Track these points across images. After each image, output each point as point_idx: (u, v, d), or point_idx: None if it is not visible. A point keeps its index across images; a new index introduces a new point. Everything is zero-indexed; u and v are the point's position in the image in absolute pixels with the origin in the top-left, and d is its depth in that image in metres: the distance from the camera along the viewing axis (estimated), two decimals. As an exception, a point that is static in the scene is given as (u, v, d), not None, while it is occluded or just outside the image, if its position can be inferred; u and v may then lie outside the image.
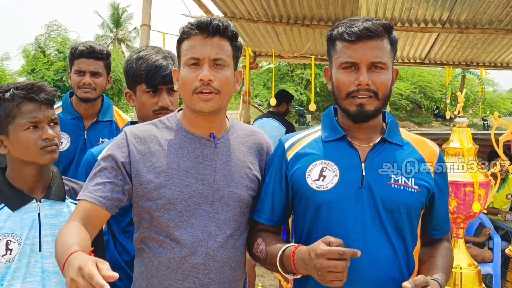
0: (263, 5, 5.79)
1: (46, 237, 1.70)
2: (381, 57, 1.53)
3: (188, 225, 1.60)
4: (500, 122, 2.67)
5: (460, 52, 7.73)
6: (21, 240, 1.66)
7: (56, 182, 1.80)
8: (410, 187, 1.55)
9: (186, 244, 1.59)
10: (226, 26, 1.59)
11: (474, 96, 20.75)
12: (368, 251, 1.49)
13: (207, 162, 1.64)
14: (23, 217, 1.69)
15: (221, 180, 1.64)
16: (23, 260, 1.66)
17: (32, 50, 23.93)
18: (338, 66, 1.57)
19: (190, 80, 1.56)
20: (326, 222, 1.55)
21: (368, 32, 1.51)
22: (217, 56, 1.57)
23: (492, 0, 5.20)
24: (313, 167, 1.59)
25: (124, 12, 39.77)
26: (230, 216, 1.66)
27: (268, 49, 7.85)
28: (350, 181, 1.55)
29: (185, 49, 1.60)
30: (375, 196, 1.53)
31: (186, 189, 1.60)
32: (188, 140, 1.65)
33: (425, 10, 5.75)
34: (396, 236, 1.53)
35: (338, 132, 1.63)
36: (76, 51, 2.72)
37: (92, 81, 2.70)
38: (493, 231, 4.57)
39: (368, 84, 1.51)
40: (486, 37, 6.71)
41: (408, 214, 1.54)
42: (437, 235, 1.70)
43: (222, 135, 1.70)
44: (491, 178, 2.46)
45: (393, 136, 1.63)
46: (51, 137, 1.68)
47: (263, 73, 22.49)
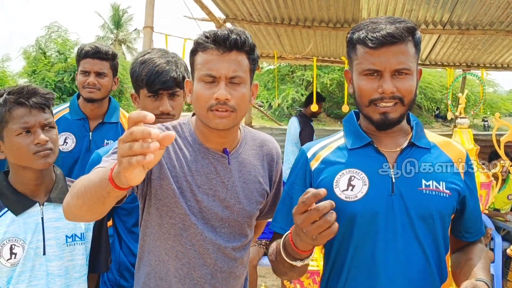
0: (264, 7, 5.81)
1: (50, 241, 1.70)
2: (405, 62, 1.44)
3: (201, 238, 1.59)
4: (501, 123, 2.69)
5: (460, 53, 7.76)
6: (25, 244, 1.66)
7: (59, 185, 1.79)
8: (442, 192, 1.48)
9: (195, 255, 1.60)
10: (244, 40, 1.51)
11: (474, 97, 20.73)
12: (400, 260, 1.44)
13: (219, 179, 1.61)
14: (27, 221, 1.69)
15: (232, 197, 1.62)
16: (28, 263, 1.67)
17: (32, 51, 23.93)
18: (360, 72, 1.48)
19: (205, 97, 1.49)
20: (359, 234, 1.47)
21: (392, 38, 1.41)
22: (234, 74, 1.49)
23: (493, 2, 5.22)
24: (341, 177, 1.51)
25: (124, 14, 39.79)
26: (237, 230, 1.66)
27: (270, 50, 7.88)
28: (380, 189, 1.47)
29: (200, 63, 1.52)
30: (407, 203, 1.46)
31: (197, 204, 1.58)
32: (202, 154, 1.61)
33: (426, 12, 5.77)
34: (429, 244, 1.47)
35: (363, 139, 1.55)
36: (82, 52, 2.72)
37: (97, 81, 2.70)
38: (494, 232, 4.59)
39: (393, 92, 1.44)
40: (486, 38, 6.74)
41: (441, 220, 1.48)
42: (471, 238, 1.62)
43: (235, 149, 1.66)
44: (492, 179, 2.48)
45: (420, 139, 1.56)
46: (43, 141, 1.66)
47: (263, 74, 22.50)
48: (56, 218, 1.74)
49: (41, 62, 22.44)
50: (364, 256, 1.47)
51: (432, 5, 5.48)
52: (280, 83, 22.92)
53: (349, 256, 1.50)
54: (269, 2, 5.60)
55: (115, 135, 2.80)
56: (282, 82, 23.36)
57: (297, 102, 22.84)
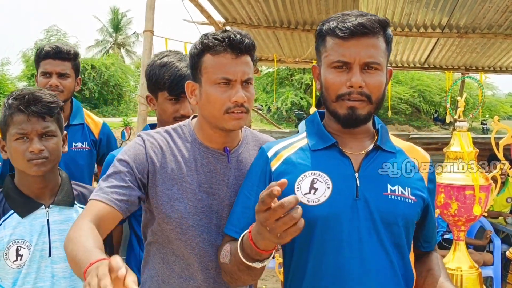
0: (264, 11, 5.83)
1: (56, 243, 1.72)
2: (375, 56, 1.38)
3: (200, 240, 1.58)
4: (500, 126, 2.71)
5: (459, 56, 7.78)
6: (31, 246, 1.68)
7: (65, 188, 1.81)
8: (407, 198, 1.43)
9: (196, 258, 1.59)
10: (252, 43, 1.55)
11: (473, 100, 20.79)
12: (365, 267, 1.37)
13: (220, 177, 1.61)
14: (33, 223, 1.71)
15: (232, 195, 1.61)
16: (33, 265, 1.68)
17: (32, 55, 23.98)
18: (328, 65, 1.41)
19: (222, 100, 1.49)
20: (321, 239, 1.40)
21: (362, 28, 1.35)
22: (247, 76, 1.52)
23: (491, 5, 5.25)
24: (303, 179, 1.42)
25: (123, 17, 39.84)
26: None
27: (269, 54, 7.91)
28: (345, 193, 1.40)
29: (211, 65, 1.51)
30: (372, 209, 1.39)
31: (198, 203, 1.58)
32: (202, 153, 1.61)
33: (424, 15, 5.80)
34: (394, 251, 1.41)
35: (327, 140, 1.47)
36: (41, 52, 2.59)
37: (59, 83, 2.56)
38: (493, 234, 4.60)
39: (361, 86, 1.37)
40: (485, 41, 6.76)
41: (406, 227, 1.43)
42: (428, 247, 1.60)
43: (235, 148, 1.66)
44: (491, 182, 2.49)
45: (385, 143, 1.50)
46: (36, 150, 1.66)
47: (262, 78, 22.57)
48: (61, 220, 1.75)
49: (40, 65, 22.47)
50: (326, 264, 1.39)
51: (430, 8, 5.50)
52: (279, 86, 22.98)
53: (310, 265, 1.42)
54: (268, 5, 5.62)
55: (83, 137, 2.72)
56: (281, 86, 23.43)
57: (296, 105, 22.89)
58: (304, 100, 22.71)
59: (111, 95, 25.43)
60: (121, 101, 26.68)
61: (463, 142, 2.49)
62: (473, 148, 2.50)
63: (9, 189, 1.75)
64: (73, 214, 1.79)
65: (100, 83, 24.28)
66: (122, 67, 27.40)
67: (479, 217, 2.46)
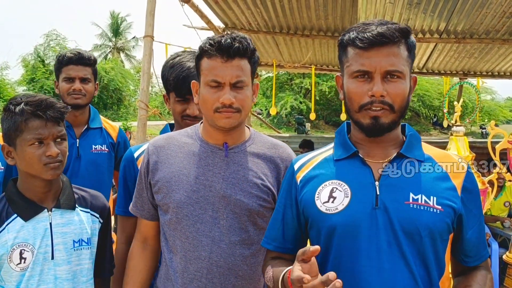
0: (263, 16, 5.87)
1: (58, 245, 1.75)
2: (397, 65, 1.36)
3: (194, 229, 1.65)
4: (496, 131, 2.74)
5: (457, 61, 7.83)
6: (34, 249, 1.71)
7: (66, 192, 1.84)
8: (431, 207, 1.36)
9: (190, 248, 1.66)
10: (245, 47, 1.60)
11: (472, 105, 20.83)
12: (383, 278, 1.33)
13: (216, 170, 1.68)
14: (36, 226, 1.73)
15: (228, 188, 1.66)
16: (37, 268, 1.71)
17: (31, 59, 24.02)
18: (350, 74, 1.41)
19: (212, 100, 1.60)
20: (338, 248, 1.38)
21: (382, 37, 1.34)
22: (237, 79, 1.59)
23: (489, 11, 5.29)
24: (323, 189, 1.43)
25: (123, 21, 39.90)
26: (235, 223, 1.67)
27: (269, 59, 7.96)
28: (363, 202, 1.37)
29: (205, 68, 1.62)
30: (392, 218, 1.34)
31: (193, 194, 1.66)
32: (202, 148, 1.72)
33: (422, 21, 5.84)
34: (417, 263, 1.34)
35: (349, 149, 1.47)
36: (64, 58, 2.71)
37: (82, 87, 2.70)
38: (491, 239, 4.63)
39: (383, 95, 1.35)
40: (483, 47, 6.82)
41: (431, 238, 1.35)
42: (470, 262, 1.47)
43: (237, 145, 1.73)
44: (488, 186, 2.52)
45: (412, 151, 1.45)
46: (54, 154, 1.71)
47: (262, 82, 22.58)
48: (63, 223, 1.79)
49: (40, 70, 22.50)
50: (343, 273, 1.33)
51: (428, 14, 5.54)
52: (279, 91, 23.01)
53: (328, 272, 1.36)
54: (268, 11, 5.66)
55: (102, 139, 2.82)
56: (280, 90, 23.46)
57: (296, 110, 22.92)
58: (303, 105, 22.74)
59: (111, 99, 25.42)
60: (120, 106, 26.68)
61: (460, 147, 2.53)
62: (470, 152, 2.53)
63: (12, 194, 1.77)
64: (74, 217, 1.82)
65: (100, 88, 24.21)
66: (122, 72, 27.41)
67: (476, 220, 2.49)
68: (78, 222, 1.81)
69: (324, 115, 23.07)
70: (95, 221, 1.88)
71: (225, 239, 1.66)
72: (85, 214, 1.85)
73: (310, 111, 6.55)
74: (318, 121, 23.00)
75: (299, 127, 18.02)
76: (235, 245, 1.67)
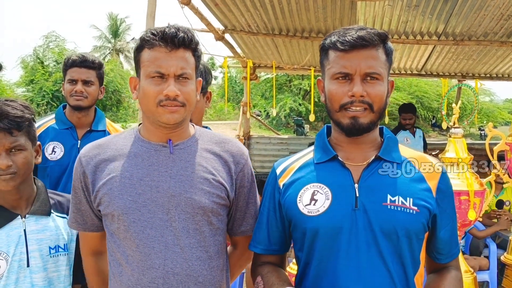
0: (263, 18, 5.89)
1: (34, 252, 1.71)
2: (375, 67, 1.43)
3: (144, 236, 1.52)
4: (494, 132, 2.77)
5: (456, 63, 7.85)
6: (8, 257, 1.66)
7: (41, 197, 1.79)
8: (408, 208, 1.43)
9: (141, 257, 1.52)
10: (190, 38, 1.53)
11: (470, 106, 20.86)
12: (362, 279, 1.40)
13: (162, 168, 1.56)
14: (9, 234, 1.69)
15: (177, 186, 1.55)
16: (12, 276, 1.67)
17: (30, 61, 24.01)
18: (331, 76, 1.47)
19: (154, 93, 1.50)
20: (321, 249, 1.45)
21: (362, 40, 1.42)
22: (182, 71, 1.51)
23: (487, 13, 5.30)
24: (304, 192, 1.49)
25: (122, 23, 39.92)
26: (189, 224, 1.55)
27: (268, 60, 7.97)
28: (343, 204, 1.44)
29: (147, 59, 1.52)
30: (371, 219, 1.41)
31: (139, 197, 1.53)
32: (144, 148, 1.60)
33: (421, 23, 5.86)
34: (394, 262, 1.42)
35: (329, 153, 1.53)
36: (68, 61, 2.79)
37: (84, 89, 2.75)
38: (489, 239, 4.65)
39: (363, 95, 1.41)
40: (481, 48, 6.82)
41: (407, 238, 1.42)
42: (442, 259, 1.57)
43: (182, 141, 1.62)
44: (485, 187, 2.54)
45: (390, 154, 1.52)
46: (4, 166, 1.63)
47: (261, 84, 22.60)
48: (38, 230, 1.74)
49: (39, 71, 22.50)
50: (325, 273, 1.44)
51: (427, 16, 5.56)
52: (278, 92, 23.02)
53: (312, 273, 1.47)
54: (267, 13, 5.68)
55: None
56: (279, 91, 23.49)
57: (295, 111, 22.95)
58: (302, 106, 22.77)
59: (110, 101, 25.41)
60: (119, 107, 26.67)
61: (458, 148, 2.55)
62: (468, 154, 2.55)
63: None
64: (49, 223, 1.78)
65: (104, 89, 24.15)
66: (121, 73, 27.42)
67: (474, 222, 2.52)
68: (54, 228, 1.77)
69: (323, 117, 23.08)
70: None
71: (180, 243, 1.53)
72: (62, 219, 1.81)
73: (309, 112, 6.59)
74: (317, 122, 23.03)
75: (298, 129, 18.05)
76: (191, 249, 1.55)
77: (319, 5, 5.32)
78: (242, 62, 8.35)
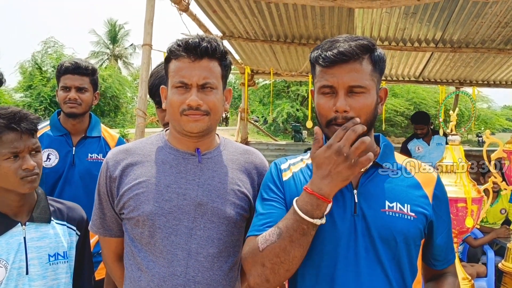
0: (261, 25, 5.90)
1: (33, 260, 1.70)
2: (359, 80, 1.40)
3: (168, 243, 1.52)
4: (491, 140, 2.77)
5: (453, 70, 7.87)
6: (7, 265, 1.66)
7: (41, 204, 1.79)
8: (406, 214, 1.43)
9: (164, 263, 1.52)
10: (215, 47, 1.54)
11: (468, 113, 20.93)
12: (361, 284, 1.39)
13: (190, 176, 1.57)
14: (9, 241, 1.68)
15: (204, 195, 1.56)
16: (11, 284, 1.66)
17: (28, 66, 24.00)
18: (317, 90, 1.46)
19: (178, 102, 1.52)
20: (320, 252, 1.43)
21: (342, 56, 1.39)
22: (205, 81, 1.52)
23: (484, 21, 5.33)
24: None
25: (121, 29, 39.99)
26: (214, 234, 1.56)
27: (266, 67, 7.99)
28: (343, 209, 1.44)
29: (173, 70, 1.55)
30: (369, 225, 1.41)
31: (166, 204, 1.53)
32: (172, 155, 1.61)
33: (418, 30, 5.88)
34: (392, 268, 1.42)
35: None
36: (61, 68, 2.75)
37: (78, 96, 2.72)
38: (487, 247, 4.65)
39: (346, 110, 1.39)
40: (478, 56, 6.85)
41: (405, 244, 1.43)
42: (439, 265, 1.58)
43: (209, 151, 1.64)
44: (483, 194, 2.54)
45: (386, 160, 1.53)
46: (31, 167, 1.66)
47: (259, 90, 22.64)
48: (38, 237, 1.74)
49: (37, 77, 22.50)
50: (324, 279, 1.43)
51: (424, 23, 5.58)
52: (276, 98, 23.06)
53: (308, 277, 1.46)
54: (265, 20, 5.69)
55: (99, 149, 2.82)
56: (277, 97, 23.52)
57: (292, 117, 22.96)
58: (300, 112, 22.79)
59: (108, 106, 25.42)
60: (118, 113, 26.68)
61: (456, 156, 2.54)
62: (465, 161, 2.55)
63: None
64: (49, 230, 1.77)
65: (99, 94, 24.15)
66: (119, 79, 27.43)
67: (472, 229, 2.51)
68: (54, 236, 1.76)
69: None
70: (72, 234, 1.82)
71: (203, 252, 1.54)
72: (61, 227, 1.80)
73: (306, 118, 6.58)
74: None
75: (296, 135, 18.03)
76: (213, 258, 1.56)
77: (317, 12, 5.34)
78: (240, 69, 8.37)
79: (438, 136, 6.03)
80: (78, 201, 2.00)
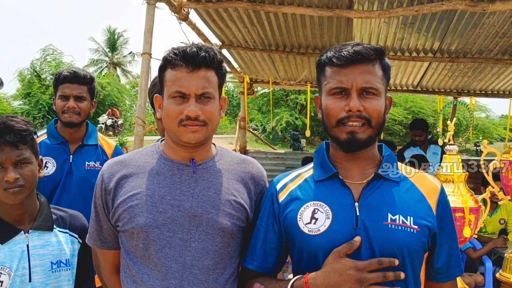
0: (260, 34, 5.93)
1: (36, 268, 1.71)
2: (372, 82, 1.42)
3: (162, 255, 1.50)
4: (489, 150, 2.77)
5: (451, 80, 7.90)
6: (11, 272, 1.67)
7: (44, 212, 1.80)
8: (409, 227, 1.40)
9: (158, 276, 1.50)
10: (212, 57, 1.52)
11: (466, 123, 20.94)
12: None
13: (185, 187, 1.55)
14: (12, 249, 1.70)
15: (199, 206, 1.53)
16: None
17: (27, 74, 24.01)
18: (328, 92, 1.45)
19: (176, 112, 1.50)
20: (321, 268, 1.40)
21: (358, 55, 1.40)
22: (203, 91, 1.50)
23: (482, 31, 5.36)
24: (305, 210, 1.46)
25: (120, 37, 40.06)
26: (209, 245, 1.53)
27: (265, 76, 8.01)
28: (344, 223, 1.41)
29: (170, 79, 1.52)
30: (371, 238, 1.39)
31: (160, 216, 1.51)
32: (166, 166, 1.58)
33: (416, 40, 5.91)
34: (397, 282, 1.37)
35: (329, 170, 1.50)
36: (60, 77, 2.75)
37: (76, 105, 2.73)
38: (485, 257, 4.65)
39: (360, 110, 1.40)
40: (476, 66, 6.89)
41: (409, 257, 1.40)
42: (440, 279, 1.53)
43: (204, 161, 1.61)
44: (481, 204, 2.54)
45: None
46: (11, 179, 1.65)
47: (257, 98, 22.65)
48: (41, 245, 1.75)
49: (35, 85, 22.50)
50: None
51: (422, 33, 5.62)
52: (275, 107, 23.06)
53: None
54: (264, 29, 5.72)
55: (96, 157, 2.84)
56: (276, 106, 23.51)
57: (291, 126, 22.97)
58: (299, 120, 22.80)
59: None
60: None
61: (453, 165, 2.55)
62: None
63: None
64: (52, 238, 1.78)
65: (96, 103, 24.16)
66: (118, 87, 27.44)
67: (469, 239, 2.51)
68: (56, 243, 1.78)
69: (320, 131, 23.11)
70: (74, 242, 1.83)
71: (198, 264, 1.52)
72: (64, 234, 1.81)
73: (305, 127, 6.58)
74: (314, 137, 23.03)
75: (294, 143, 18.04)
76: (208, 270, 1.53)
77: (315, 21, 5.36)
78: (239, 77, 8.39)
79: (434, 145, 6.05)
80: (75, 209, 2.01)
